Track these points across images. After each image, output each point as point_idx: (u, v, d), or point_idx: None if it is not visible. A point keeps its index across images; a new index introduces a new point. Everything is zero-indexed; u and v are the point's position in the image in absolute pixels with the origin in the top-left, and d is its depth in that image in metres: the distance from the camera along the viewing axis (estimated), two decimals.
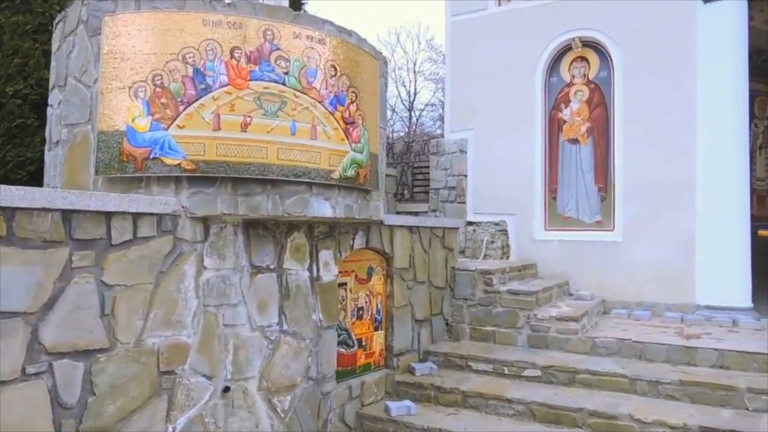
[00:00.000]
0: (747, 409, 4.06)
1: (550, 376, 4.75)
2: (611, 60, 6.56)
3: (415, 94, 26.18)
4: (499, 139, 7.16)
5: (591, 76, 6.77)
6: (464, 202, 7.37)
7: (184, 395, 3.20)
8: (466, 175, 7.38)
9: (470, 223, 7.33)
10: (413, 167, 8.57)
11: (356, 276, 4.68)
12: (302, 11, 6.91)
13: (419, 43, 25.75)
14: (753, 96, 9.16)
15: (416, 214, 7.71)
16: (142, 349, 2.99)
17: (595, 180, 6.72)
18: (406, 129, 25.79)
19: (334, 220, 3.90)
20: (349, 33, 3.89)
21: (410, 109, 26.56)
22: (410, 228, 5.18)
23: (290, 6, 4.73)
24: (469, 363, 5.12)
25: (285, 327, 3.84)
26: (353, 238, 4.45)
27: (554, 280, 6.49)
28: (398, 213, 7.98)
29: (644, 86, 6.34)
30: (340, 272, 4.38)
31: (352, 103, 3.78)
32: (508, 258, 7.09)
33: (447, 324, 5.73)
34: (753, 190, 9.59)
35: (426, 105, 24.38)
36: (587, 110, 6.77)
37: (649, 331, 5.34)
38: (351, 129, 3.77)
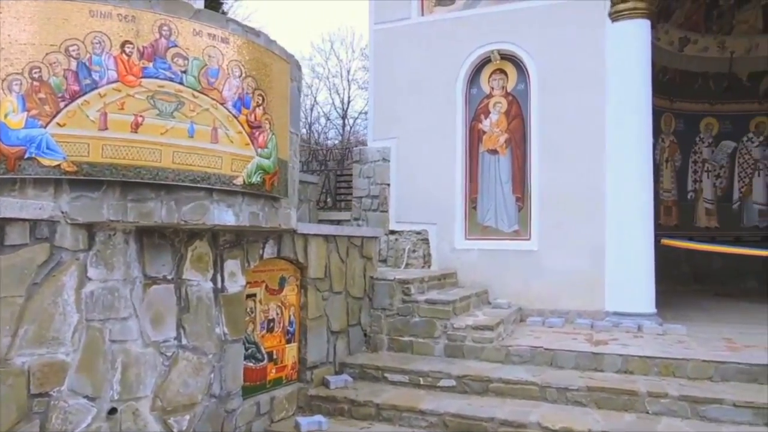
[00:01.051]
0: (647, 412, 4.19)
1: (465, 385, 4.74)
2: (528, 73, 6.75)
3: (349, 102, 26.20)
4: (421, 148, 7.18)
5: (509, 89, 6.93)
6: (387, 211, 7.33)
7: (60, 419, 2.91)
8: (388, 184, 7.35)
9: (392, 232, 7.30)
10: (337, 175, 8.46)
11: (267, 287, 4.49)
12: (220, 12, 6.66)
13: (353, 51, 25.70)
14: (659, 112, 9.73)
15: (339, 222, 7.60)
16: (9, 370, 2.69)
17: (513, 190, 6.86)
18: (340, 137, 25.75)
19: (239, 229, 3.72)
20: (257, 34, 3.74)
21: (344, 117, 26.53)
22: (326, 237, 5.05)
23: (207, 7, 4.52)
24: (386, 374, 5.04)
25: (184, 342, 3.60)
26: (263, 247, 4.27)
27: (473, 288, 6.54)
28: (320, 221, 7.84)
29: (558, 100, 6.55)
30: (248, 283, 4.18)
31: (258, 106, 3.63)
32: (429, 267, 7.10)
33: (365, 335, 5.63)
34: (660, 201, 10.18)
35: (360, 113, 24.45)
36: (505, 122, 6.92)
37: (561, 338, 5.46)
38: (257, 133, 3.61)
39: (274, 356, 4.54)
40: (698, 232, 10.85)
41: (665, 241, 6.10)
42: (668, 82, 10.31)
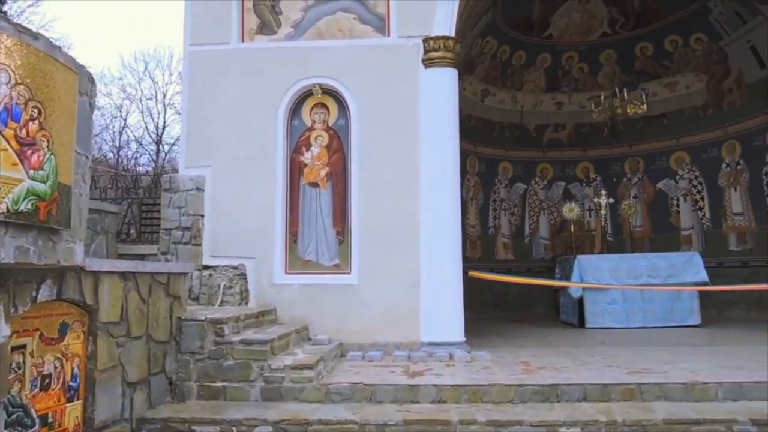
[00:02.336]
0: None
1: (283, 431, 4.45)
2: (348, 109, 6.87)
3: (164, 127, 24.53)
4: (239, 178, 6.82)
5: (330, 123, 6.98)
6: (200, 244, 6.77)
7: None
8: (202, 215, 6.81)
9: (206, 267, 6.75)
10: (142, 204, 7.65)
11: (42, 335, 3.73)
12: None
13: (170, 74, 24.21)
14: (465, 154, 10.68)
15: (144, 257, 6.81)
16: None
17: (333, 224, 6.84)
18: (154, 163, 23.87)
19: (2, 267, 3.02)
20: (35, 36, 3.16)
21: (158, 143, 24.71)
22: (123, 274, 4.42)
23: None
24: (193, 427, 4.51)
25: None
26: (37, 289, 3.54)
27: (293, 325, 6.30)
28: (121, 256, 6.95)
29: (376, 137, 6.75)
30: (16, 332, 3.42)
31: (32, 120, 3.03)
32: (247, 304, 6.69)
33: (170, 383, 5.02)
34: (467, 235, 11.10)
35: (176, 139, 22.98)
36: (327, 155, 6.93)
37: (380, 372, 5.46)
38: (29, 152, 3.00)
39: (50, 419, 3.76)
40: (498, 264, 12.06)
41: (472, 273, 6.57)
42: (472, 128, 11.44)
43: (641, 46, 11.77)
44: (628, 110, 10.21)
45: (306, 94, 7.00)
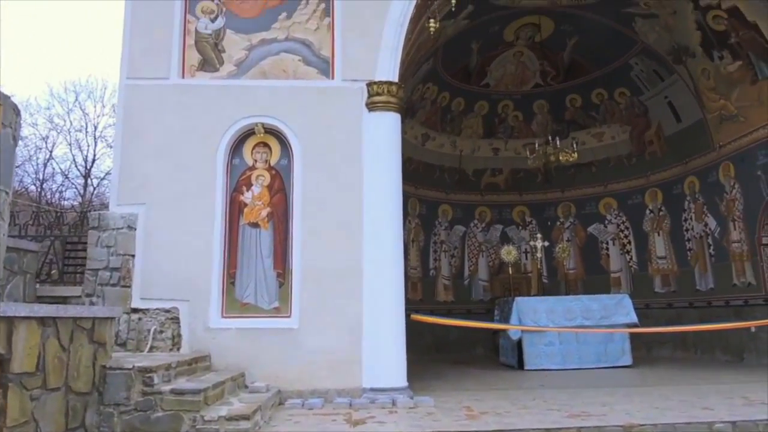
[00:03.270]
0: None
1: None
2: (291, 150, 6.80)
3: (94, 160, 23.51)
4: (175, 217, 6.53)
5: (272, 163, 6.87)
6: (129, 286, 6.37)
7: None
8: (133, 255, 6.43)
9: (135, 311, 6.33)
10: (66, 242, 7.15)
11: None
12: None
13: (103, 106, 23.33)
14: (407, 196, 10.81)
15: (66, 299, 6.33)
16: None
17: (274, 265, 6.65)
18: (81, 198, 22.71)
19: None
20: None
21: (86, 177, 23.60)
22: (42, 320, 4.05)
23: None
24: None
25: None
26: None
27: (229, 372, 5.98)
28: (40, 298, 6.43)
29: (320, 178, 6.69)
30: None
31: None
32: (179, 350, 6.30)
33: None
34: (408, 277, 11.11)
35: (107, 173, 22.09)
36: (268, 195, 6.79)
37: (321, 421, 5.24)
38: None
39: None
40: (438, 306, 12.11)
41: (414, 317, 6.54)
42: (413, 171, 11.63)
43: (571, 97, 12.50)
44: (561, 158, 10.72)
45: (248, 133, 6.88)
